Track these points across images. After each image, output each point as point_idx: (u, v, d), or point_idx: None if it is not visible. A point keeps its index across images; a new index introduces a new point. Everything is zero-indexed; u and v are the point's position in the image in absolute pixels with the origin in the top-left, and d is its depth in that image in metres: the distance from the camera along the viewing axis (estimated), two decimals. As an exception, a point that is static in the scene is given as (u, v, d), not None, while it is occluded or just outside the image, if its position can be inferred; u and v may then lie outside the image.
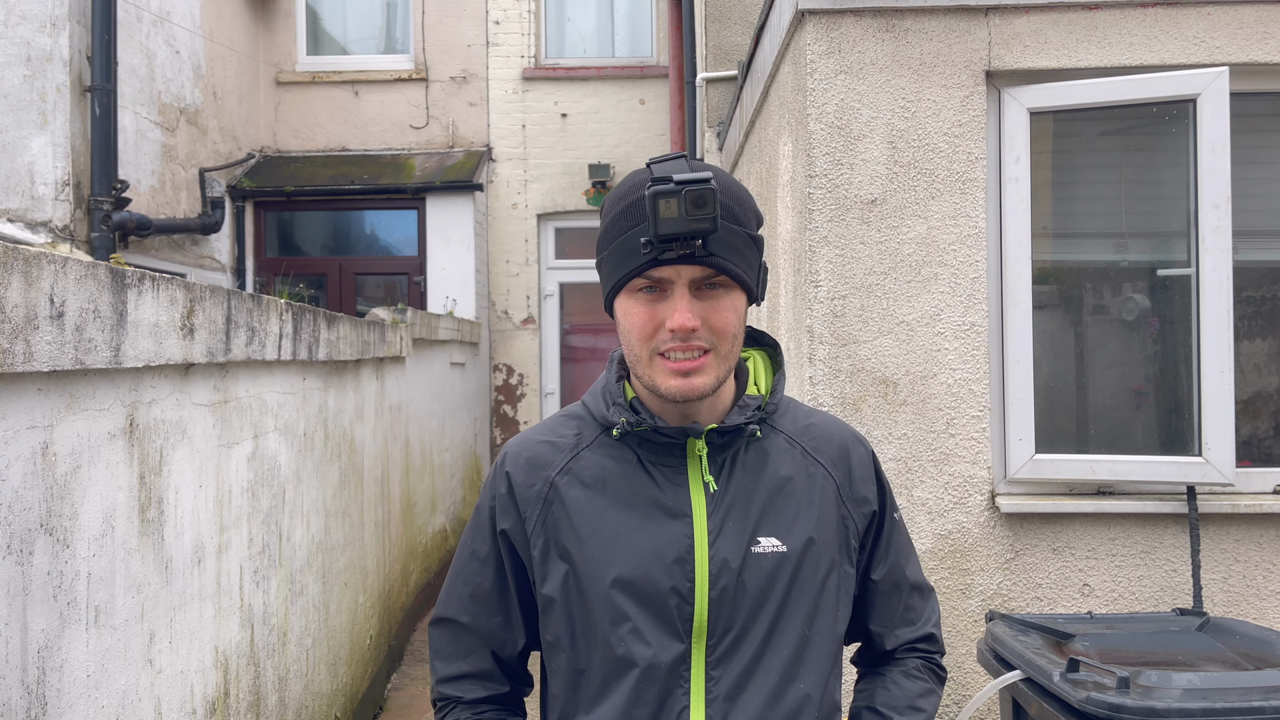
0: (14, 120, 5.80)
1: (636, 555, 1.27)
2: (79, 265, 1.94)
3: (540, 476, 1.33)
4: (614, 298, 1.30)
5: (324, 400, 3.98)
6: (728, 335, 1.25)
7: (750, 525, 1.29)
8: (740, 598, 1.27)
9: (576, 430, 1.37)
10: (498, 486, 1.36)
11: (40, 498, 1.89)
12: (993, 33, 3.12)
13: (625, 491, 1.30)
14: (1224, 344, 2.97)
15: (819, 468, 1.36)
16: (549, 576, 1.31)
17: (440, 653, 1.42)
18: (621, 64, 9.49)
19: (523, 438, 1.40)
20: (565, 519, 1.31)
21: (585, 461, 1.33)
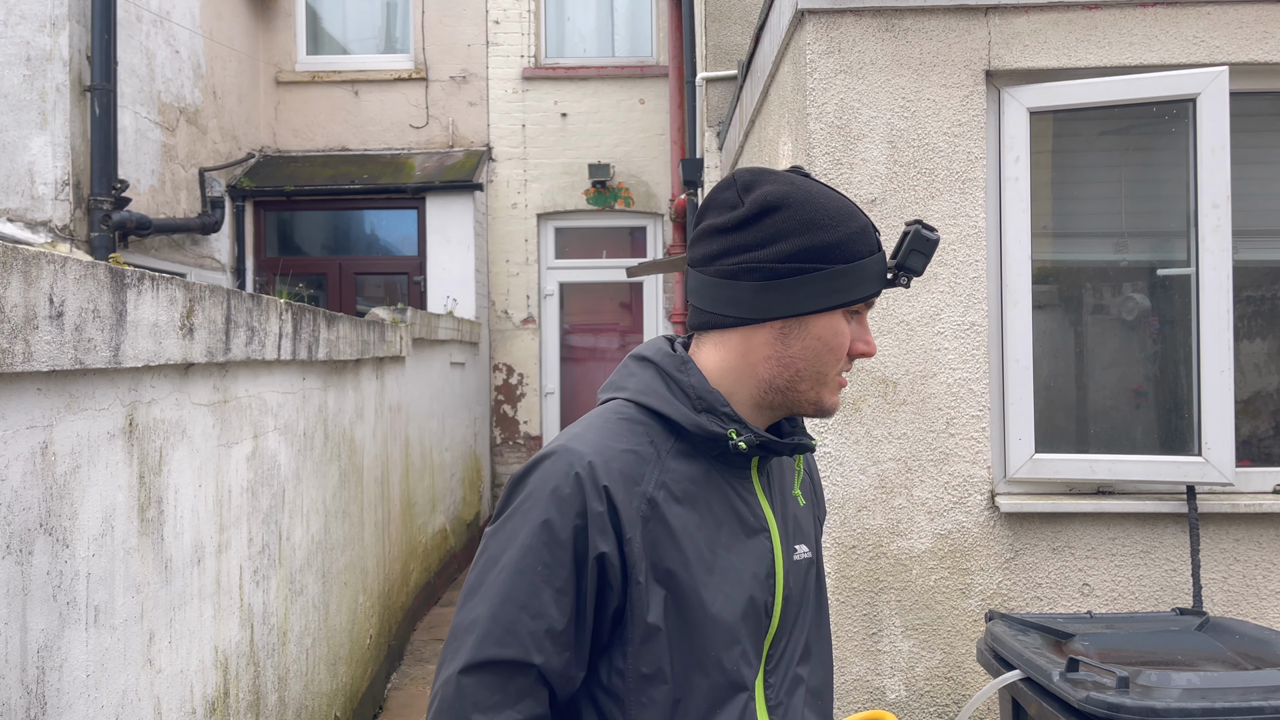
0: (14, 120, 5.80)
1: (735, 574, 1.23)
2: (78, 265, 1.94)
3: (636, 492, 1.20)
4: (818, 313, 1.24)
5: (324, 400, 3.98)
6: None
7: (791, 533, 1.32)
8: (790, 606, 1.30)
9: (648, 438, 1.25)
10: (588, 503, 1.18)
11: (40, 497, 1.89)
12: (992, 32, 3.12)
13: (715, 506, 1.25)
14: (1224, 344, 2.97)
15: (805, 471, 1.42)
16: (652, 604, 1.19)
17: (480, 703, 1.16)
18: (621, 64, 9.49)
19: (597, 445, 1.23)
20: (667, 538, 1.20)
21: (673, 473, 1.24)
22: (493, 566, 1.20)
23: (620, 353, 9.52)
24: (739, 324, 1.26)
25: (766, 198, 1.24)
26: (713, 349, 1.29)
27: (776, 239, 1.23)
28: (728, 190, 1.28)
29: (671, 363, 1.29)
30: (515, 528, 1.20)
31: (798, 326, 1.25)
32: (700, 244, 1.29)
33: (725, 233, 1.26)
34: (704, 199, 1.35)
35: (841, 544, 3.13)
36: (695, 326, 1.31)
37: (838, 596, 3.12)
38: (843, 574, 3.13)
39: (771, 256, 1.23)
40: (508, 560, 1.19)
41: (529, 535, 1.18)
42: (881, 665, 3.13)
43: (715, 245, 1.26)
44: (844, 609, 3.13)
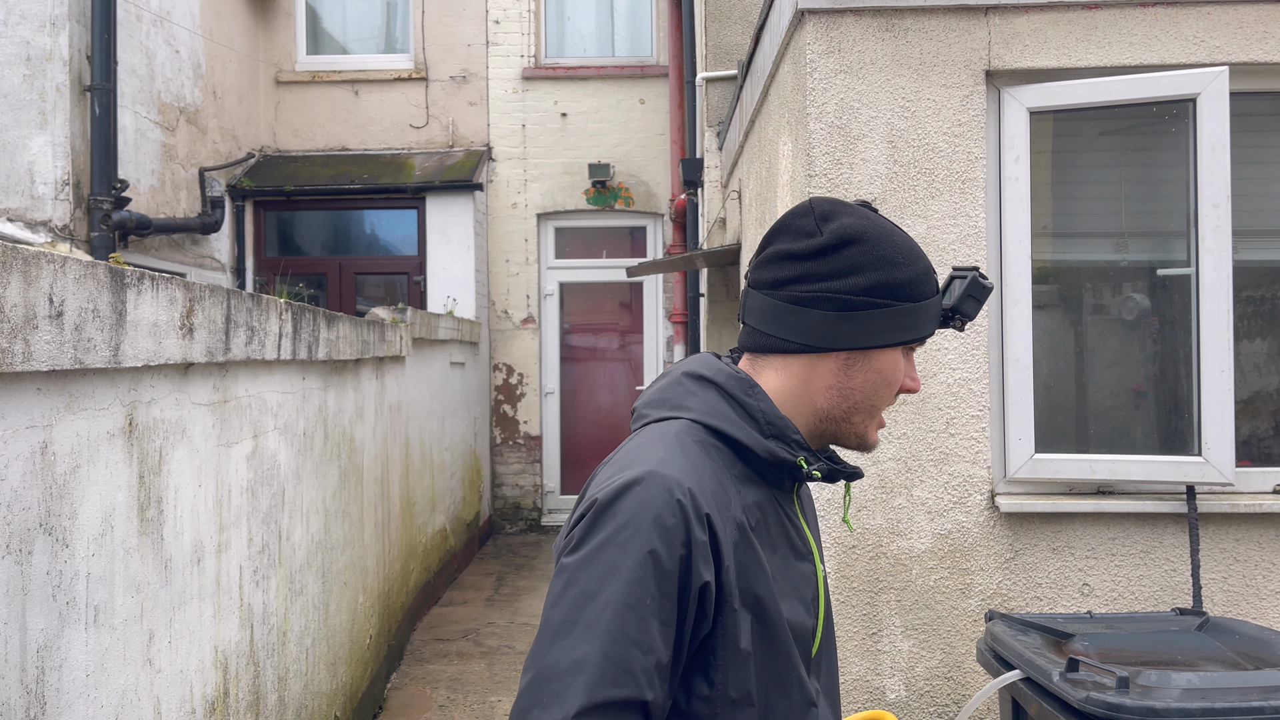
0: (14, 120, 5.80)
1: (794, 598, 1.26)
2: (78, 265, 1.94)
3: (728, 517, 1.20)
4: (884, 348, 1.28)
5: (324, 400, 3.98)
6: None
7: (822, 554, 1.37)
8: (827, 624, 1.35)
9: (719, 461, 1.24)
10: (692, 532, 1.15)
11: (39, 497, 1.89)
12: (992, 32, 3.12)
13: (774, 531, 1.27)
14: (1224, 344, 2.97)
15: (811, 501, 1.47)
16: (743, 629, 1.19)
17: None
18: (621, 63, 9.49)
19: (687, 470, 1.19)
20: (754, 564, 1.21)
21: (746, 499, 1.24)
22: (591, 601, 1.12)
23: (620, 352, 9.53)
24: (806, 351, 1.27)
25: (846, 230, 1.25)
26: (775, 374, 1.29)
27: (853, 271, 1.25)
28: (804, 218, 1.28)
29: (738, 385, 1.28)
30: (614, 559, 1.13)
31: (862, 359, 1.27)
32: (769, 267, 1.28)
33: (801, 259, 1.26)
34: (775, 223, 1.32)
35: (841, 544, 3.13)
36: (756, 349, 1.31)
37: (838, 596, 3.12)
38: (843, 574, 3.13)
39: (847, 289, 1.25)
40: (613, 595, 1.12)
41: (634, 567, 1.13)
42: (881, 665, 3.13)
43: (788, 271, 1.26)
44: (844, 609, 3.13)
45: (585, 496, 1.23)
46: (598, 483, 1.22)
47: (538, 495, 9.37)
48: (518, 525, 9.31)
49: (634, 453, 1.22)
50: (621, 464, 1.21)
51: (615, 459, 1.25)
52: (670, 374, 1.34)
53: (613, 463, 1.24)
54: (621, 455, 1.24)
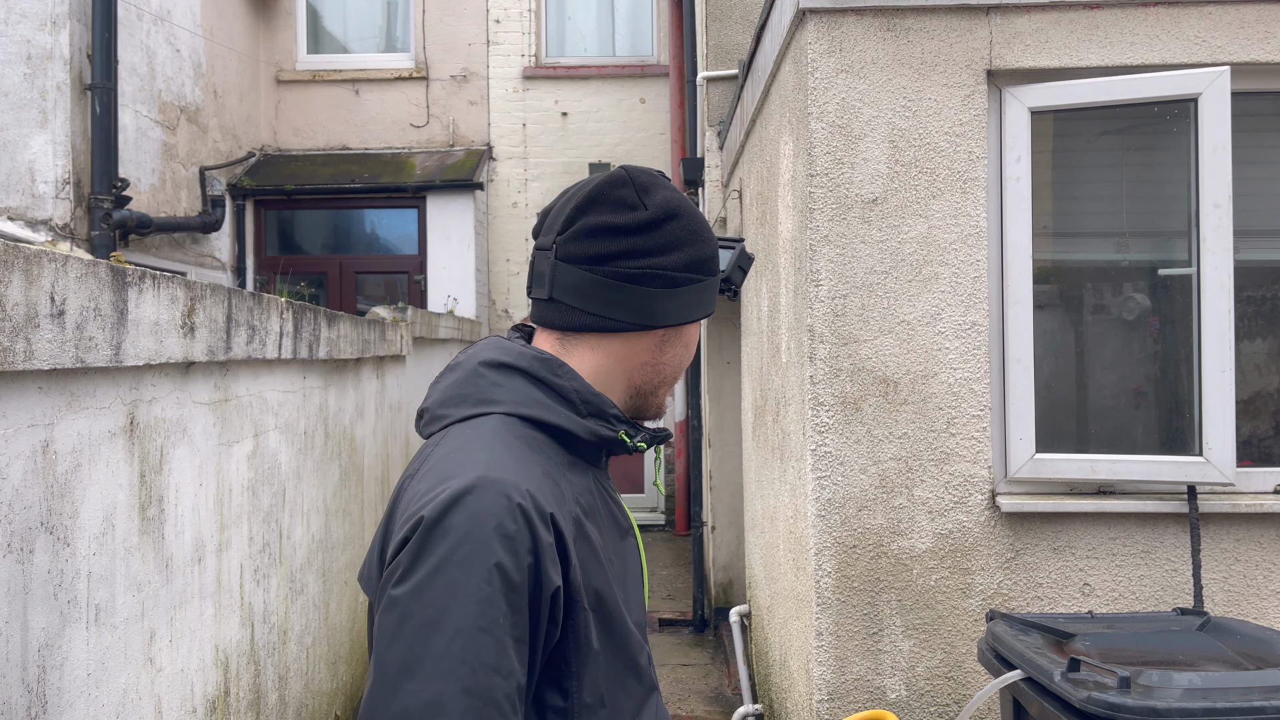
0: (14, 118, 5.80)
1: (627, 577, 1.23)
2: (79, 263, 1.94)
3: (566, 512, 1.11)
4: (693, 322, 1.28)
5: (324, 399, 3.98)
6: None
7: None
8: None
9: (543, 452, 1.16)
10: (538, 536, 1.05)
11: (40, 496, 1.89)
12: (994, 32, 3.12)
13: (603, 513, 1.22)
14: (1225, 343, 2.97)
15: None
16: (593, 628, 1.11)
17: None
18: (622, 63, 9.49)
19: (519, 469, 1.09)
20: (592, 557, 1.13)
21: (576, 486, 1.17)
22: (435, 632, 0.99)
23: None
24: (633, 329, 1.20)
25: (668, 203, 1.21)
26: (589, 353, 1.21)
27: (676, 247, 1.20)
28: (624, 188, 1.20)
29: (545, 368, 1.18)
30: (454, 581, 1.00)
31: (675, 334, 1.26)
32: (587, 241, 1.18)
33: (626, 234, 1.18)
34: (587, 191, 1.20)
35: (842, 543, 3.13)
36: (568, 327, 1.21)
37: (839, 596, 3.13)
38: (843, 573, 3.13)
39: (673, 264, 1.20)
40: (461, 621, 1.00)
41: (480, 585, 1.00)
42: (882, 665, 3.13)
43: (612, 245, 1.18)
44: (844, 608, 3.13)
45: (400, 517, 1.08)
46: (414, 499, 1.07)
47: (538, 494, 9.37)
48: (518, 524, 9.30)
49: (450, 460, 1.09)
50: (439, 474, 1.07)
51: (427, 470, 1.10)
52: (462, 365, 1.21)
53: (425, 474, 1.10)
54: (434, 465, 1.10)
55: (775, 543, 4.00)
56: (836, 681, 3.13)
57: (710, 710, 5.07)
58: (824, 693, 3.13)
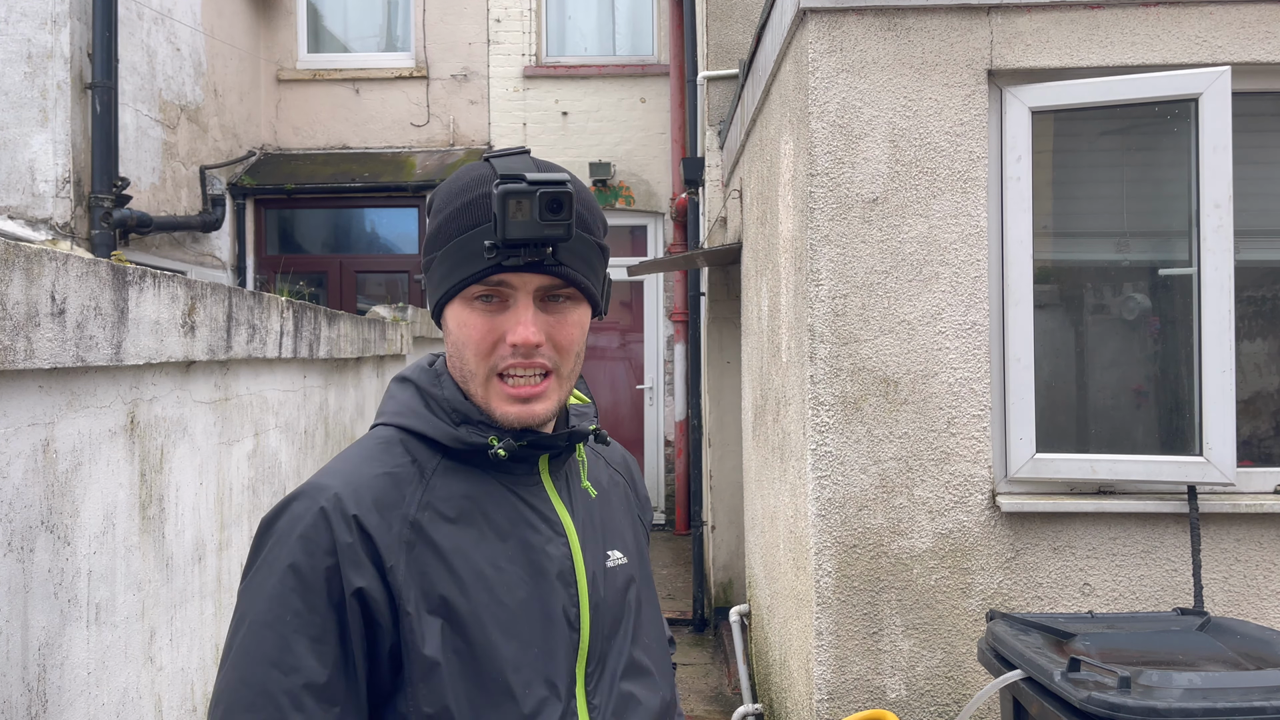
0: (15, 117, 5.80)
1: (526, 586, 1.12)
2: (80, 262, 1.94)
3: (396, 516, 1.10)
4: (445, 305, 1.15)
5: (325, 398, 3.98)
6: (571, 353, 1.15)
7: (600, 537, 1.22)
8: (605, 617, 1.18)
9: (409, 456, 1.15)
10: (337, 537, 1.06)
11: (41, 495, 1.89)
12: (994, 32, 3.12)
13: (494, 518, 1.14)
14: (1225, 344, 2.97)
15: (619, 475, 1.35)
16: (427, 635, 1.07)
17: None
18: (622, 62, 9.49)
19: (347, 475, 1.12)
20: (437, 562, 1.09)
21: (439, 492, 1.13)
22: (240, 626, 1.07)
23: (621, 351, 9.52)
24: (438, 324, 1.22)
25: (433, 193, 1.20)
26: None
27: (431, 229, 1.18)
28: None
29: (428, 379, 1.20)
30: (262, 580, 1.07)
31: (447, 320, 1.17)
32: None
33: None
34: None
35: (842, 543, 3.13)
36: None
37: (839, 595, 3.13)
38: (843, 573, 3.13)
39: (427, 246, 1.18)
40: (255, 616, 1.06)
41: (275, 584, 1.06)
42: (882, 664, 3.13)
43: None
44: (844, 608, 3.14)
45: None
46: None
47: (538, 494, 9.37)
48: (518, 524, 9.31)
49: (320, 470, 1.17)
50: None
51: None
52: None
53: None
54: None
55: (775, 542, 4.00)
56: (836, 681, 3.13)
57: (710, 710, 5.07)
58: (824, 692, 3.13)
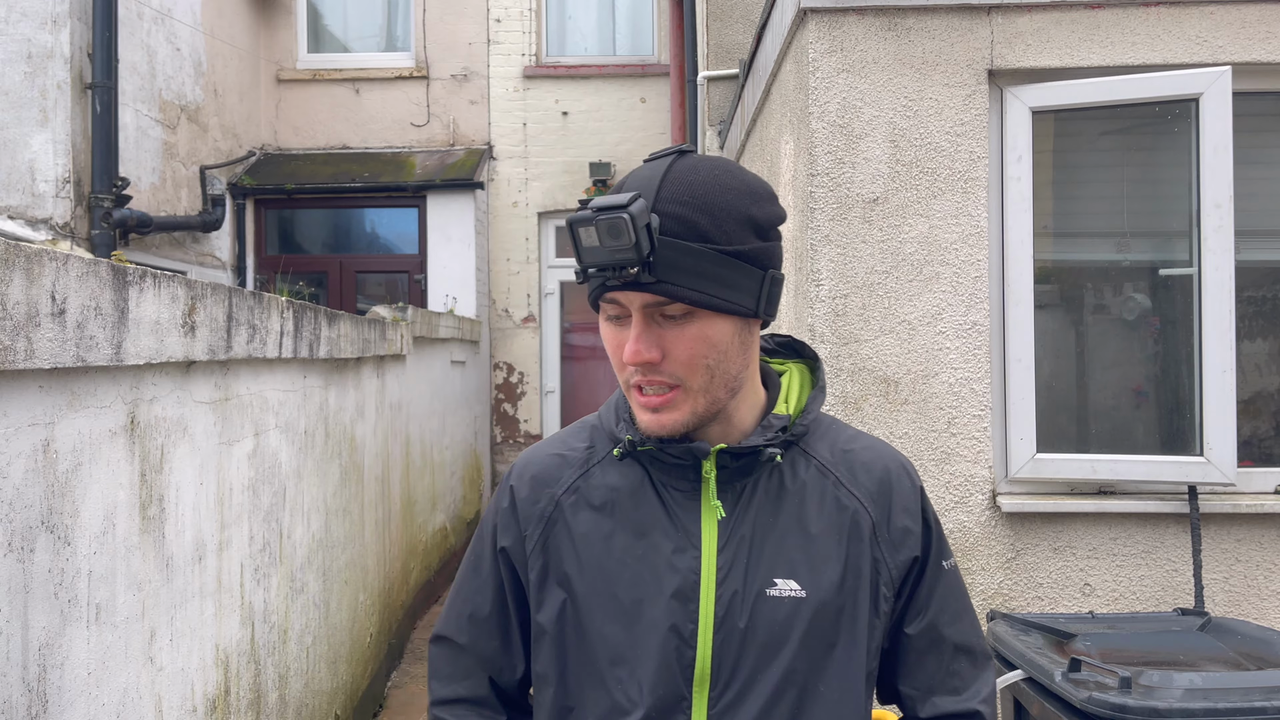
0: (15, 117, 5.80)
1: (642, 587, 1.15)
2: (80, 263, 1.93)
3: (545, 494, 1.22)
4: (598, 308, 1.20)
5: (325, 398, 3.98)
6: (696, 366, 1.11)
7: (765, 564, 1.15)
8: (748, 645, 1.14)
9: (589, 443, 1.25)
10: (501, 501, 1.26)
11: (41, 495, 1.89)
12: (995, 32, 3.12)
13: (634, 516, 1.18)
14: (1226, 344, 2.97)
15: (855, 501, 1.20)
16: (545, 604, 1.20)
17: (438, 672, 1.31)
18: (623, 62, 9.49)
19: (533, 450, 1.29)
20: (568, 543, 1.19)
21: (595, 480, 1.21)
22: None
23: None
24: None
25: None
26: None
27: None
28: None
29: None
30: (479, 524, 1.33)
31: None
32: None
33: None
34: None
35: (843, 543, 3.13)
36: None
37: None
38: (844, 573, 3.13)
39: None
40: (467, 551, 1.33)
41: (478, 530, 1.32)
42: (882, 665, 3.13)
43: None
44: (845, 608, 3.13)
45: None
46: None
47: (538, 494, 9.37)
48: (518, 524, 9.31)
49: None
50: None
51: None
52: None
53: None
54: None
55: (775, 542, 3.99)
56: (837, 681, 3.13)
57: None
58: (824, 692, 3.12)
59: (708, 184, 1.10)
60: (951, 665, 1.24)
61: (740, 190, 1.11)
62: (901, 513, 1.21)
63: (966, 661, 1.26)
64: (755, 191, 1.13)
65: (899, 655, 1.25)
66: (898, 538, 1.21)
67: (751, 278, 1.11)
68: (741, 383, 1.17)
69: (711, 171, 1.11)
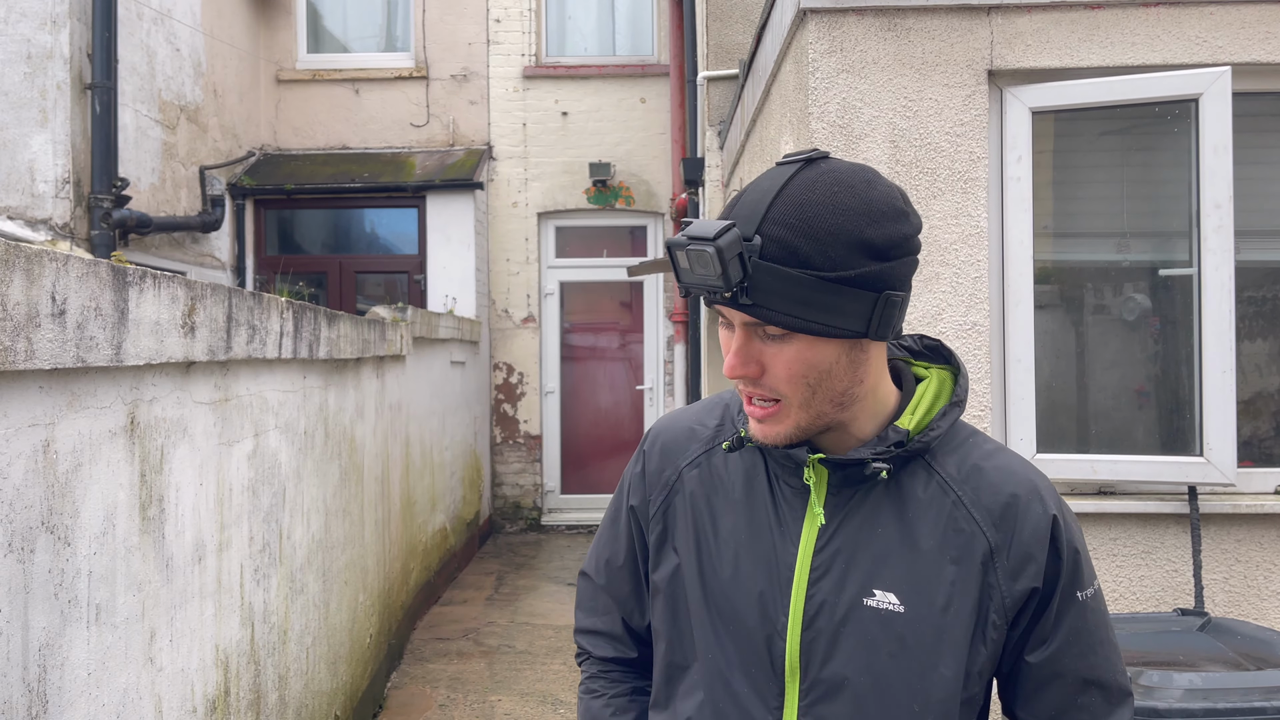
0: (14, 118, 5.79)
1: (737, 573, 1.19)
2: (80, 263, 1.93)
3: (672, 463, 1.29)
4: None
5: (324, 398, 3.98)
6: (796, 383, 1.11)
7: (864, 574, 1.15)
8: (836, 649, 1.15)
9: (720, 420, 1.30)
10: (635, 465, 1.35)
11: (41, 496, 1.89)
12: (995, 32, 3.12)
13: (746, 501, 1.21)
14: (1226, 344, 2.97)
15: (973, 524, 1.15)
16: (660, 565, 1.28)
17: (581, 604, 1.45)
18: (622, 62, 9.49)
19: (671, 418, 1.35)
20: (685, 513, 1.26)
21: (717, 458, 1.26)
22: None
23: (620, 352, 9.52)
24: None
25: None
26: None
27: None
28: None
29: None
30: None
31: None
32: None
33: None
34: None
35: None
36: None
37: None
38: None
39: None
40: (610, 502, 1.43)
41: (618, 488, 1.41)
42: (882, 665, 3.13)
43: None
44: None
45: None
46: None
47: (538, 495, 9.37)
48: (518, 524, 9.30)
49: None
50: None
51: None
52: None
53: None
54: None
55: (775, 543, 3.99)
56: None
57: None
58: (824, 693, 3.13)
59: (819, 205, 1.07)
60: (1079, 699, 1.19)
61: (856, 211, 1.07)
62: (1026, 541, 1.15)
63: (1099, 696, 1.19)
64: (875, 211, 1.08)
65: (1018, 682, 1.21)
66: (1017, 566, 1.15)
67: (860, 300, 1.07)
68: (855, 397, 1.15)
69: (829, 190, 1.08)
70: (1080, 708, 1.19)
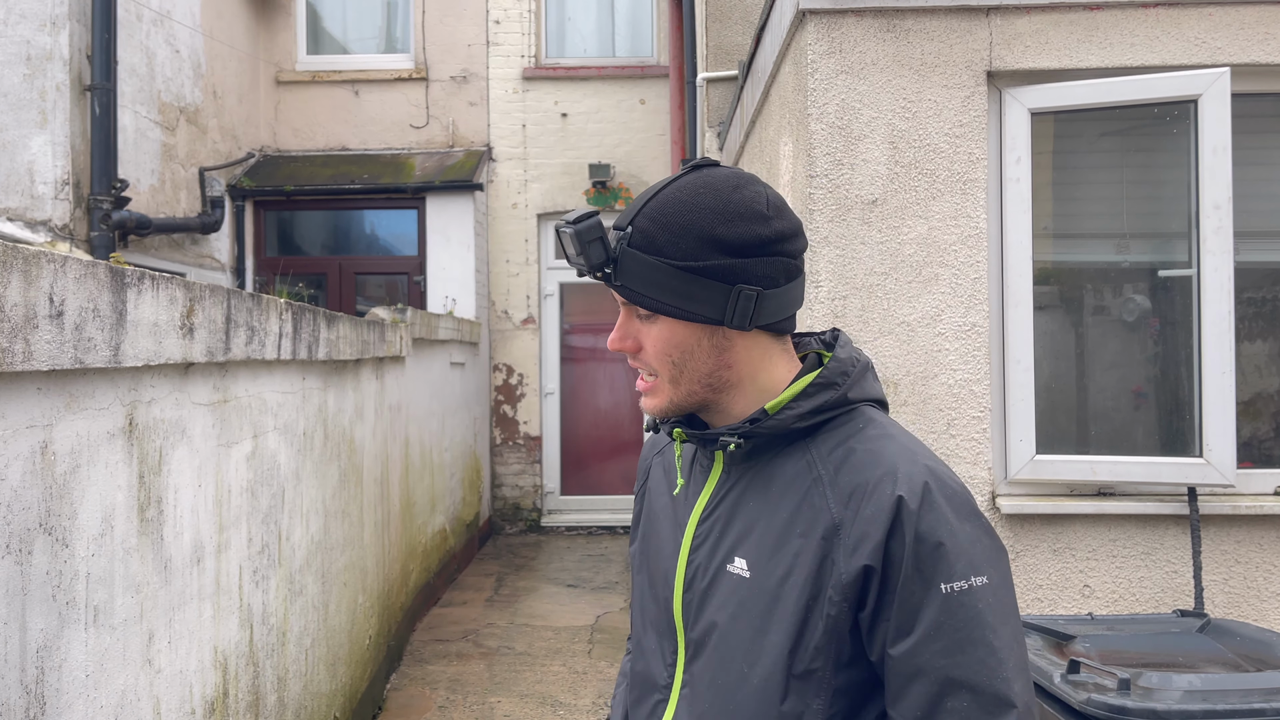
0: (14, 119, 5.79)
1: (661, 543, 1.37)
2: (78, 264, 1.93)
3: (648, 454, 1.50)
4: None
5: (324, 400, 3.97)
6: (664, 362, 1.25)
7: (731, 542, 1.24)
8: (703, 611, 1.25)
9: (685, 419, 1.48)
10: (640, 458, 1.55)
11: (39, 497, 1.88)
12: (994, 33, 3.12)
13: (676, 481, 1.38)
14: (1225, 345, 2.97)
15: (824, 501, 1.18)
16: (633, 542, 1.48)
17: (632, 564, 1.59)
18: (622, 64, 9.49)
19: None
20: (647, 498, 1.45)
21: (670, 449, 1.43)
22: None
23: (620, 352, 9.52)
24: None
25: None
26: None
27: None
28: None
29: None
30: None
31: None
32: None
33: None
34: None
35: (842, 545, 3.12)
36: None
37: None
38: (843, 575, 3.13)
39: None
40: None
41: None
42: (882, 666, 3.13)
43: None
44: (844, 610, 3.13)
45: None
46: None
47: (538, 496, 9.37)
48: (517, 526, 9.30)
49: None
50: None
51: None
52: None
53: None
54: None
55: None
56: (836, 683, 3.12)
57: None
58: (824, 694, 3.12)
59: (681, 203, 1.21)
60: (947, 702, 1.11)
61: (712, 210, 1.20)
62: (866, 519, 1.15)
63: (969, 702, 1.10)
64: (730, 211, 1.20)
65: (887, 678, 1.16)
66: (855, 544, 1.15)
67: (712, 290, 1.20)
68: (726, 381, 1.27)
69: (694, 191, 1.22)
70: (948, 711, 1.10)
